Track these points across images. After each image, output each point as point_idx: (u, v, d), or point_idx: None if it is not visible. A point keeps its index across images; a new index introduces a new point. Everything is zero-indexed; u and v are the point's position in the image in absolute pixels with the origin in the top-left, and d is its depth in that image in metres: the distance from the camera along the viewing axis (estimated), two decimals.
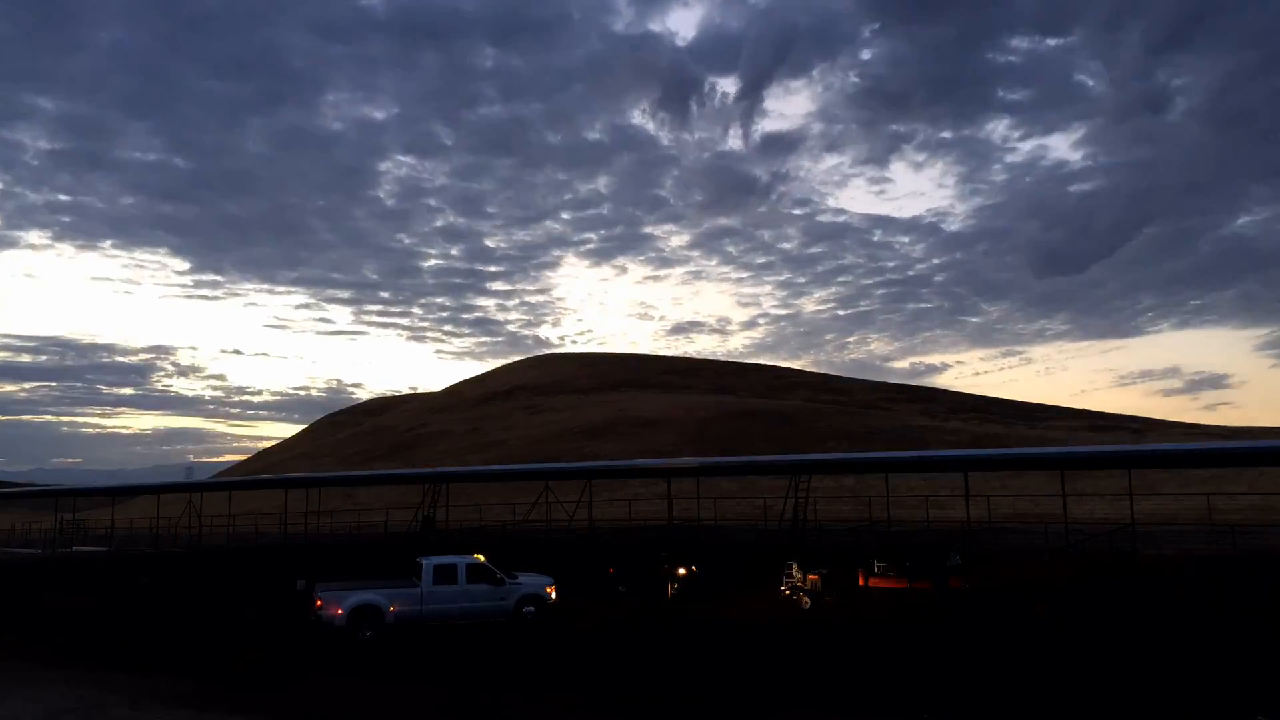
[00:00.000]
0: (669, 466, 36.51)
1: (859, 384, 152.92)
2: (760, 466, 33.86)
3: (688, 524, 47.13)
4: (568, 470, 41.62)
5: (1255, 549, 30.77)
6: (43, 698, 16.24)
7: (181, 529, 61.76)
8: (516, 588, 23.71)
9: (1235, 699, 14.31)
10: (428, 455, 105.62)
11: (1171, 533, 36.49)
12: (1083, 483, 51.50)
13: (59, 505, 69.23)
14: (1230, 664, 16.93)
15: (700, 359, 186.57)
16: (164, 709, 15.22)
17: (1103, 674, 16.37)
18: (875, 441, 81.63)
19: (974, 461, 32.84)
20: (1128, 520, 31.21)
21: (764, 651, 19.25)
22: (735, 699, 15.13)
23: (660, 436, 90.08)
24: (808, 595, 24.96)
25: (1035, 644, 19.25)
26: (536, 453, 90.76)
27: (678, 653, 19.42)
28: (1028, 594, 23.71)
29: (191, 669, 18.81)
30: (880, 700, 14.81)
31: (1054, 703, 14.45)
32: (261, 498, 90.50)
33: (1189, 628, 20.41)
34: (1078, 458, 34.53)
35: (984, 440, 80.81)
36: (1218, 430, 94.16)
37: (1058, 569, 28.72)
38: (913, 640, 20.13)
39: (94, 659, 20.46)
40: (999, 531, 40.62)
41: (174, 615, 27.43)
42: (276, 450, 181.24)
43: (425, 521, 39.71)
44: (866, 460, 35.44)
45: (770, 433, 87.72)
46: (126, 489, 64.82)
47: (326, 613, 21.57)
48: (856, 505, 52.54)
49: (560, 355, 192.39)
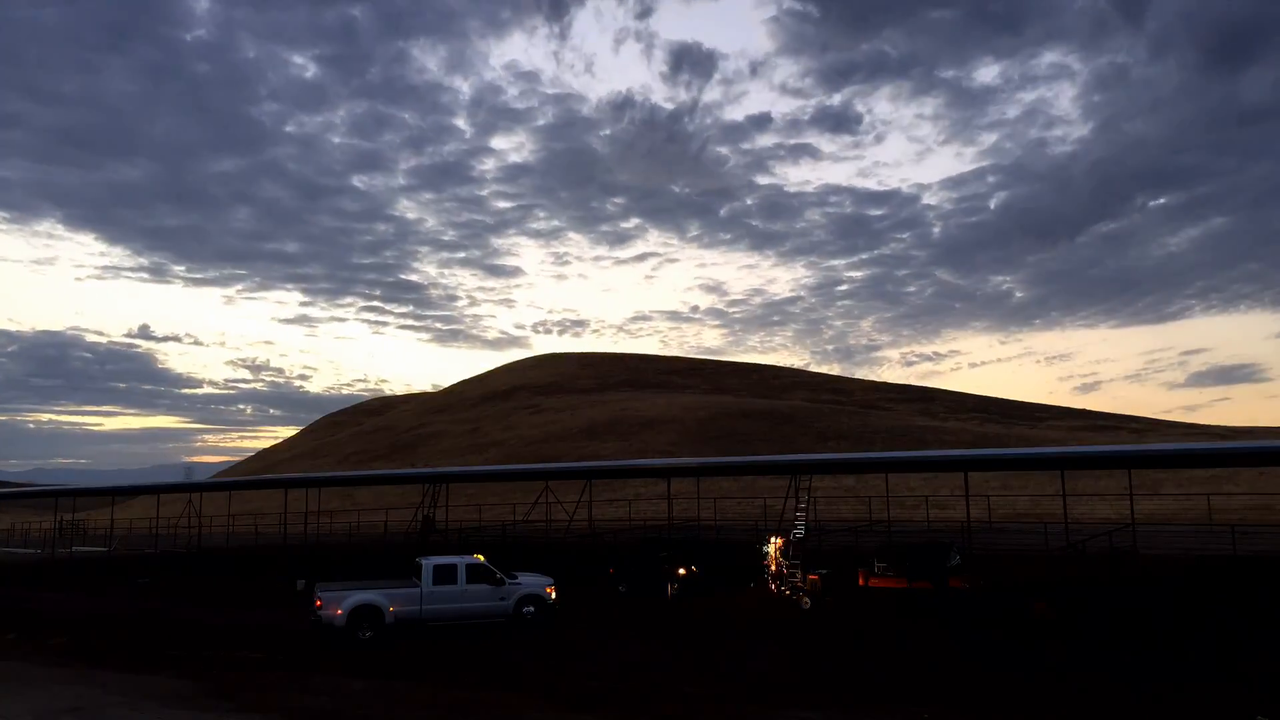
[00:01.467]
0: (669, 466, 36.47)
1: (859, 384, 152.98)
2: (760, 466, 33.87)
3: (688, 524, 47.12)
4: (568, 470, 41.57)
5: (1255, 549, 30.77)
6: (42, 698, 16.23)
7: (181, 529, 61.75)
8: (516, 588, 23.70)
9: (1235, 699, 14.31)
10: (428, 455, 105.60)
11: (1171, 533, 36.49)
12: (1083, 483, 51.48)
13: (59, 505, 69.26)
14: (1230, 664, 16.93)
15: (700, 359, 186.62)
16: (164, 709, 15.21)
17: (1102, 673, 16.37)
18: (875, 441, 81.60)
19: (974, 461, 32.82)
20: (1128, 520, 31.21)
21: (764, 650, 19.25)
22: (736, 697, 15.13)
23: (660, 436, 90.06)
24: (808, 595, 24.97)
25: (1035, 643, 19.25)
26: (536, 453, 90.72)
27: (678, 652, 19.42)
28: (1028, 594, 23.72)
29: (191, 669, 18.81)
30: (881, 698, 14.80)
31: (1054, 702, 14.45)
32: (261, 498, 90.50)
33: (1189, 627, 20.41)
34: (1078, 458, 34.49)
35: (984, 440, 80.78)
36: (1218, 430, 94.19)
37: (1057, 569, 28.72)
38: (913, 639, 20.12)
39: (94, 659, 20.46)
40: (999, 531, 40.61)
41: (174, 615, 27.43)
42: (276, 450, 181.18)
43: (425, 522, 39.68)
44: (866, 460, 35.42)
45: (770, 432, 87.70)
46: (126, 489, 64.75)
47: (326, 613, 21.56)
48: (856, 505, 52.54)
49: (560, 355, 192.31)
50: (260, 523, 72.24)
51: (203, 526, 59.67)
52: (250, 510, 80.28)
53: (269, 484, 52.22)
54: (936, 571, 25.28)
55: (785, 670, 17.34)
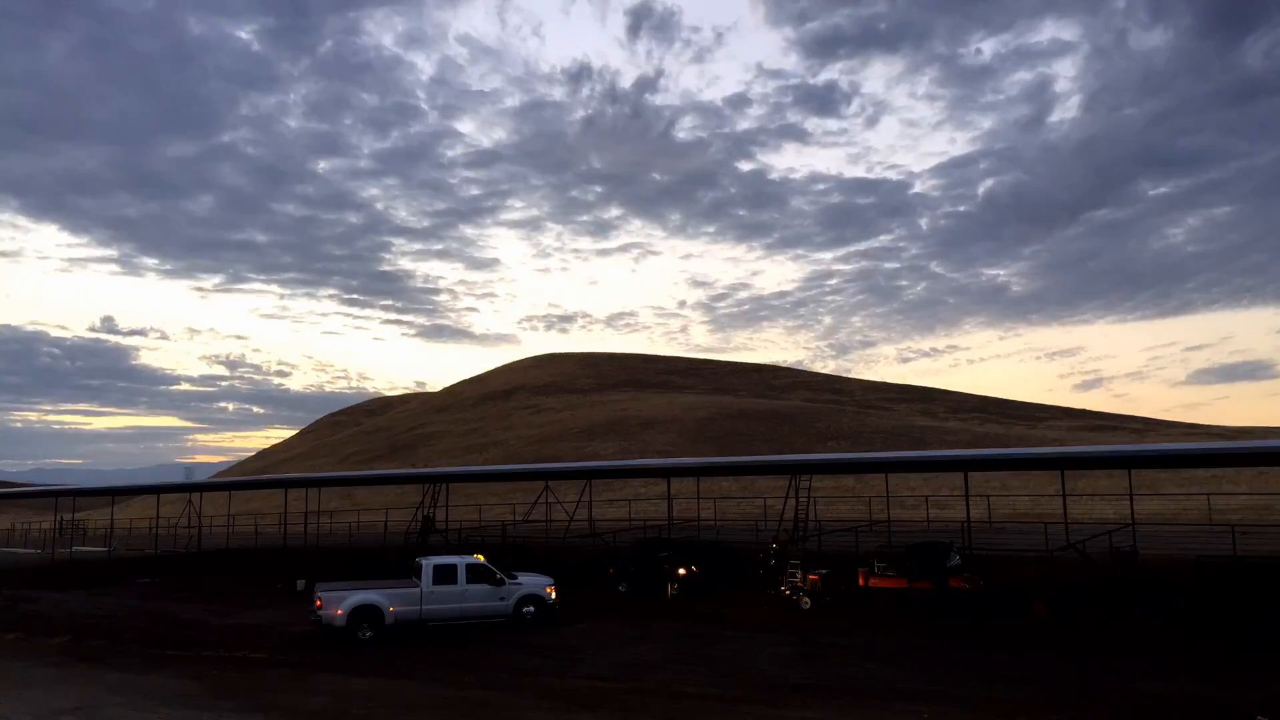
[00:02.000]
0: (669, 466, 36.42)
1: (859, 384, 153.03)
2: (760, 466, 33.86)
3: (688, 524, 47.14)
4: (567, 470, 41.50)
5: (1255, 549, 30.75)
6: (43, 698, 16.24)
7: (181, 529, 61.74)
8: (516, 588, 23.71)
9: (1235, 699, 14.31)
10: (427, 455, 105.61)
11: (1171, 533, 36.50)
12: (1083, 483, 51.51)
13: (59, 505, 69.24)
14: (1230, 663, 16.93)
15: (700, 359, 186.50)
16: (164, 709, 15.22)
17: (1102, 673, 16.37)
18: (875, 441, 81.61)
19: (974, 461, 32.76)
20: (1128, 520, 31.22)
21: (764, 650, 19.25)
22: (736, 697, 15.13)
23: (660, 436, 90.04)
24: (808, 595, 24.98)
25: (1035, 643, 19.26)
26: (536, 453, 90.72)
27: (678, 652, 19.42)
28: (1028, 594, 23.74)
29: (192, 669, 18.82)
30: (881, 698, 14.81)
31: (1054, 702, 14.45)
32: (261, 498, 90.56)
33: (1189, 627, 20.42)
34: (1078, 458, 34.43)
35: (984, 440, 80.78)
36: (1218, 430, 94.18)
37: (1058, 569, 28.72)
38: (913, 639, 20.13)
39: (94, 659, 20.47)
40: (999, 531, 40.64)
41: (174, 615, 27.44)
42: (276, 450, 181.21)
43: (425, 522, 39.69)
44: (866, 460, 35.34)
45: (770, 432, 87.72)
46: (126, 489, 64.70)
47: (326, 613, 21.56)
48: (856, 505, 52.55)
49: (560, 355, 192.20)
50: (260, 523, 72.26)
51: (203, 526, 59.66)
52: (250, 510, 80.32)
53: (269, 484, 52.19)
54: (936, 571, 25.27)
55: (785, 670, 17.34)
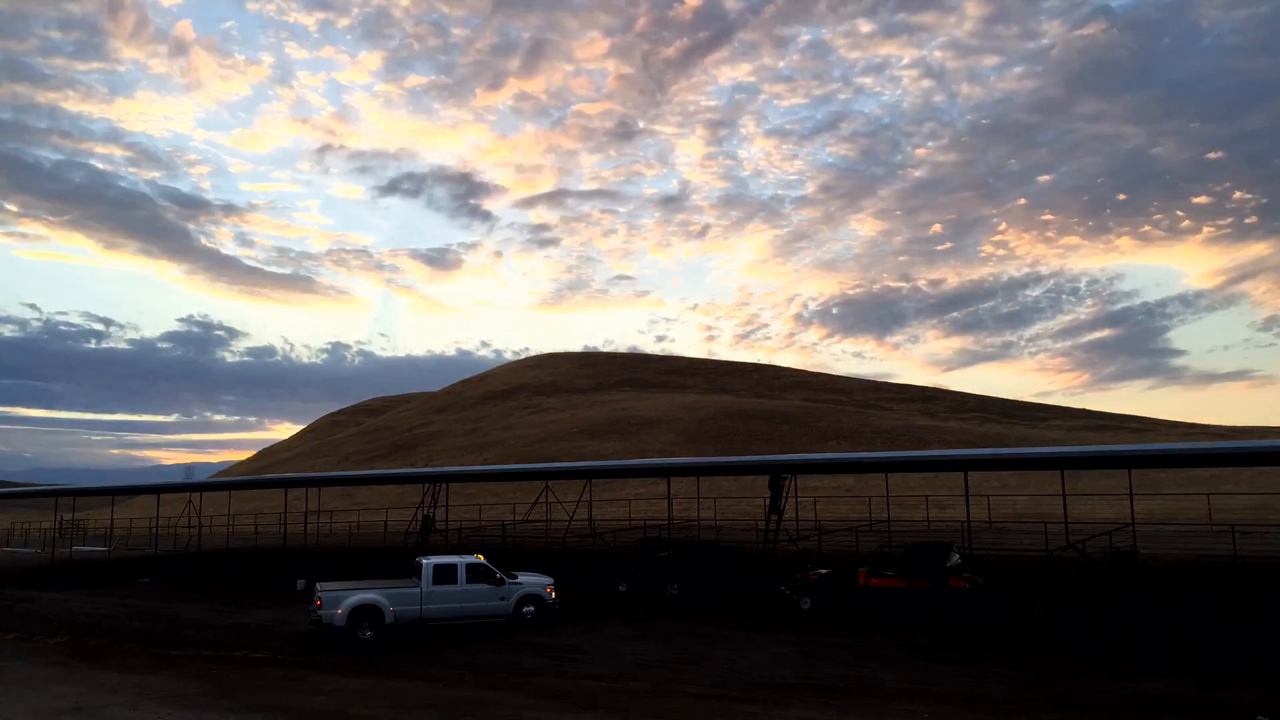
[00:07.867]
0: (669, 466, 36.42)
1: (859, 384, 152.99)
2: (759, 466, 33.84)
3: (688, 524, 47.16)
4: (567, 470, 41.49)
5: (1255, 549, 30.76)
6: (43, 698, 16.25)
7: (181, 529, 61.75)
8: (516, 587, 23.72)
9: (1236, 699, 14.31)
10: (428, 455, 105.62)
11: (1171, 532, 36.50)
12: (1083, 483, 51.51)
13: (59, 505, 69.28)
14: (1231, 663, 16.93)
15: (700, 359, 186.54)
16: (164, 709, 15.21)
17: (1102, 673, 16.37)
18: (875, 441, 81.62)
19: (974, 461, 32.76)
20: (1128, 520, 31.21)
21: (764, 650, 19.25)
22: (736, 697, 15.13)
23: (660, 436, 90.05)
24: (808, 595, 24.98)
25: (1035, 642, 19.26)
26: (536, 453, 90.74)
27: (678, 652, 19.42)
28: (1028, 594, 23.74)
29: (192, 669, 18.82)
30: (880, 698, 14.81)
31: (1054, 702, 14.45)
32: (261, 497, 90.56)
33: (1189, 627, 20.42)
34: (1078, 458, 34.40)
35: (984, 440, 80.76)
36: (1218, 430, 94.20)
37: (1058, 569, 28.71)
38: (912, 639, 20.13)
39: (94, 659, 20.48)
40: (999, 531, 40.65)
41: (174, 615, 27.45)
42: (276, 449, 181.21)
43: (425, 521, 39.72)
44: (866, 460, 35.36)
45: (770, 432, 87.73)
46: (126, 489, 64.73)
47: (326, 612, 21.57)
48: (856, 505, 52.54)
49: (560, 355, 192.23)
50: (260, 523, 72.27)
51: (203, 526, 59.67)
52: (250, 510, 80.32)
53: (269, 484, 52.19)
54: (936, 571, 25.26)
55: (785, 670, 17.35)
